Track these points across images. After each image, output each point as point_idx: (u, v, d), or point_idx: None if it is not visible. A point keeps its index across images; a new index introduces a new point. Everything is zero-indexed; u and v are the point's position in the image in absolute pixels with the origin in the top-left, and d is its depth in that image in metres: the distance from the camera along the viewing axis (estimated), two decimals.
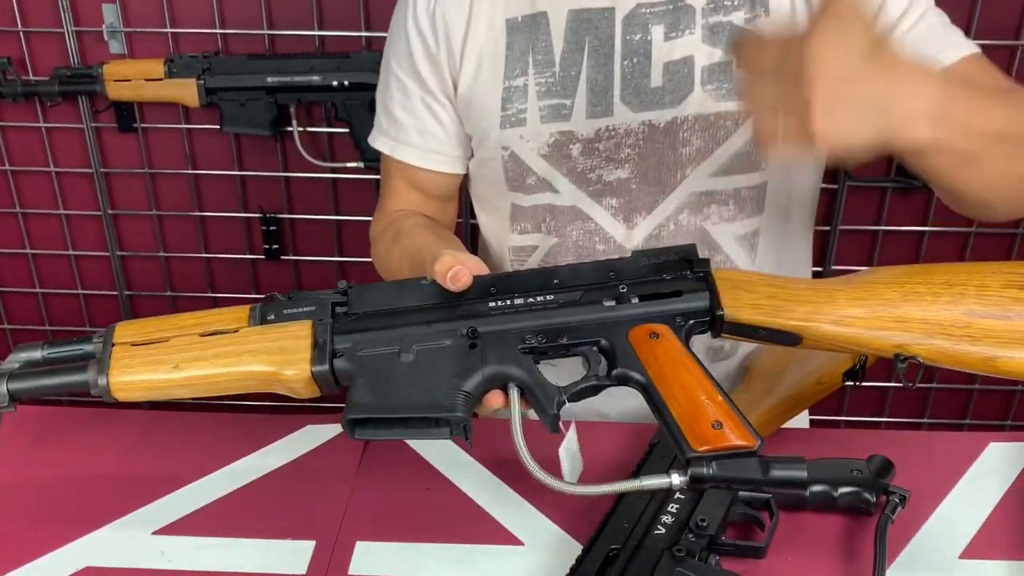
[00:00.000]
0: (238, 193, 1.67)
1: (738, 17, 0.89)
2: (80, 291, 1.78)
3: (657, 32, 0.89)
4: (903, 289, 0.67)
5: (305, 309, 0.69)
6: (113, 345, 0.68)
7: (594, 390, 0.67)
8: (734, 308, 0.67)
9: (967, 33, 1.48)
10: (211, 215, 1.70)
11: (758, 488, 0.62)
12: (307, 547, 0.74)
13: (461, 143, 0.98)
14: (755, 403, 0.86)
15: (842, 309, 0.67)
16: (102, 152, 1.66)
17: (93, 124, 1.62)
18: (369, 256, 1.03)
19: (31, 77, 1.59)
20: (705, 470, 0.60)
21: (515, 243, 0.99)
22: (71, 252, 1.75)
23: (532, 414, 0.68)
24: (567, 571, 0.67)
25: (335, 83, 1.50)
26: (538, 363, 0.67)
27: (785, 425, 0.87)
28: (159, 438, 0.87)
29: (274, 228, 1.68)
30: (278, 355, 0.66)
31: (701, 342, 0.96)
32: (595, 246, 0.95)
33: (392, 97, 0.98)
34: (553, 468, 0.66)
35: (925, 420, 1.80)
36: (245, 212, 1.69)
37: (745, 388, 0.93)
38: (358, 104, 1.52)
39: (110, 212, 1.70)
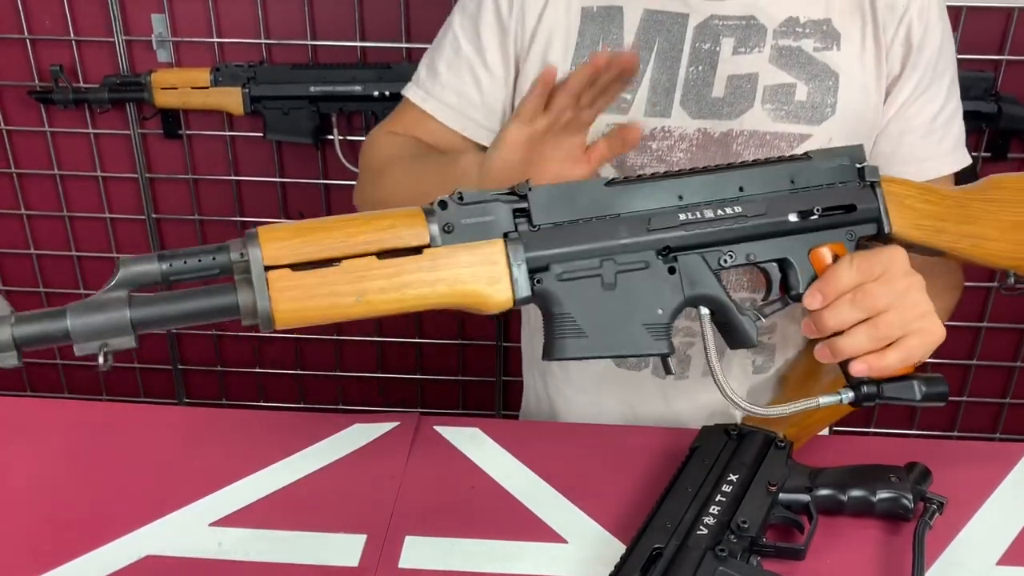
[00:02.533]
0: (279, 199, 1.71)
1: (808, 44, 0.91)
2: None
3: (727, 45, 0.91)
4: None
5: (487, 219, 0.63)
6: (267, 269, 0.59)
7: (782, 305, 0.72)
8: (900, 227, 0.73)
9: (1001, 48, 1.49)
10: (252, 220, 1.74)
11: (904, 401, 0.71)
12: (358, 540, 0.76)
13: (495, 118, 0.97)
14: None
15: (982, 230, 0.75)
16: (148, 158, 1.70)
17: (140, 130, 1.67)
18: None
19: (81, 84, 1.64)
20: (873, 389, 0.70)
21: None
22: (115, 255, 1.79)
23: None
24: (611, 569, 0.69)
25: (376, 93, 1.54)
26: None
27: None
28: (215, 434, 0.90)
29: None
30: (474, 283, 0.62)
31: (739, 360, 0.99)
32: None
33: (441, 54, 0.98)
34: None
35: (955, 434, 1.80)
36: (285, 218, 1.72)
37: (781, 397, 0.95)
38: None
39: (154, 216, 1.74)
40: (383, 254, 0.60)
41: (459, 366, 1.84)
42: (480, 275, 0.62)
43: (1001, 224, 0.75)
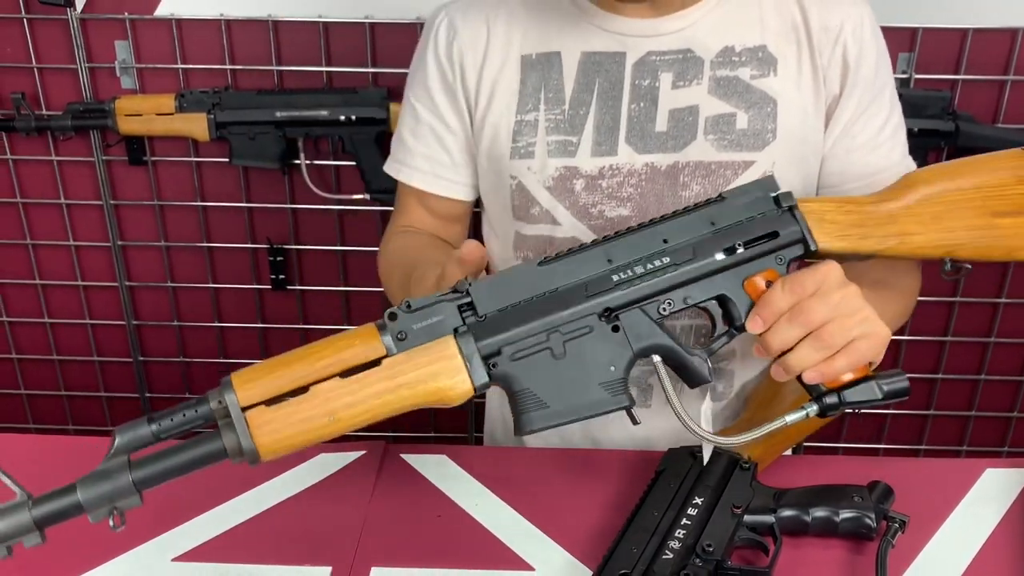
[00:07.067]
0: (246, 225, 1.70)
1: (745, 73, 0.92)
2: (88, 321, 1.80)
3: (666, 80, 0.93)
4: (945, 200, 0.78)
5: (436, 320, 0.67)
6: (244, 410, 0.63)
7: (728, 338, 0.74)
8: (826, 241, 0.75)
9: (957, 67, 1.51)
10: (219, 246, 1.73)
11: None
12: (324, 573, 0.76)
13: (469, 171, 1.02)
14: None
15: (904, 227, 0.78)
16: (112, 185, 1.69)
17: (104, 157, 1.65)
18: (373, 287, 1.06)
19: (44, 112, 1.62)
20: (835, 399, 0.72)
21: None
22: (80, 283, 1.77)
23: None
24: None
25: (342, 117, 1.54)
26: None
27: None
28: None
29: (281, 259, 1.71)
30: (434, 381, 0.65)
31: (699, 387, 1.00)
32: None
33: (405, 124, 1.03)
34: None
35: (922, 447, 1.82)
36: (252, 243, 1.71)
37: (747, 418, 0.95)
38: (365, 138, 1.56)
39: (119, 243, 1.73)
40: (346, 373, 0.64)
41: None
42: (439, 372, 0.65)
43: (921, 219, 0.78)
